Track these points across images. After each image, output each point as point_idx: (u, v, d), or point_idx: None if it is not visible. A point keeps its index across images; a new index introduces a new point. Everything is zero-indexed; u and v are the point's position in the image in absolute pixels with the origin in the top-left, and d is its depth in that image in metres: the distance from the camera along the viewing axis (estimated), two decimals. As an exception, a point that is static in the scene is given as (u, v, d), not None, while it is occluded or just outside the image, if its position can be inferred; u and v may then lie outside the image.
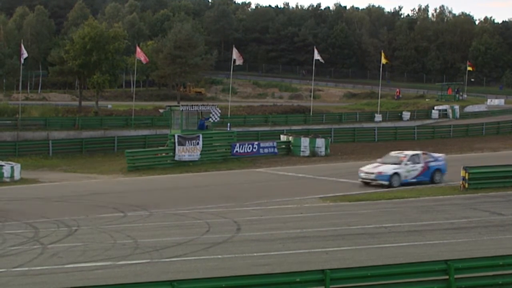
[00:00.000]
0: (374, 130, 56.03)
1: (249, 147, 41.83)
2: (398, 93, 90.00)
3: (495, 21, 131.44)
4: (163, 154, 39.45)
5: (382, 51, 72.14)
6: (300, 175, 33.70)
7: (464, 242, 18.44)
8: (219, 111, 41.37)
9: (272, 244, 18.19)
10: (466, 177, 27.80)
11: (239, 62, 59.70)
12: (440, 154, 32.22)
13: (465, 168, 28.01)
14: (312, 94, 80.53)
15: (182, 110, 40.10)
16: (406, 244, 18.20)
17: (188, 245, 17.98)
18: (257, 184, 31.19)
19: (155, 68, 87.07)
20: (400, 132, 56.53)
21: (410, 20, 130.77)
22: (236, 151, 41.15)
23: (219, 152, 40.86)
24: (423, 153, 31.11)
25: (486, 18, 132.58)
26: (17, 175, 33.56)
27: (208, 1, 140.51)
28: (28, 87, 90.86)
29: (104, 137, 51.11)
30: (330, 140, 45.40)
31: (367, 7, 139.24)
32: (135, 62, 64.71)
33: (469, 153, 44.44)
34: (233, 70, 63.09)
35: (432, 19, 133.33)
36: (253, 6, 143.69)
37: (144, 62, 60.11)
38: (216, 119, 40.73)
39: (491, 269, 13.10)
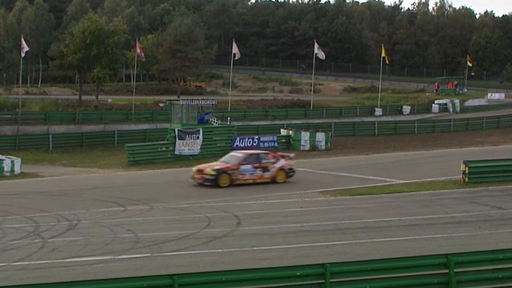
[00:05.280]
0: (375, 124, 56.04)
1: (249, 141, 41.81)
2: (437, 87, 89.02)
3: (495, 15, 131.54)
4: (163, 148, 39.45)
5: (383, 45, 72.02)
6: (301, 169, 33.60)
7: (464, 236, 18.46)
8: (215, 118, 41.58)
9: (272, 238, 18.20)
10: (466, 171, 27.83)
11: (238, 56, 59.61)
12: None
13: (465, 162, 28.04)
14: (312, 88, 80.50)
15: (182, 104, 40.07)
16: (406, 238, 18.21)
17: (188, 239, 17.99)
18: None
19: (155, 62, 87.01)
20: (401, 126, 56.58)
21: (410, 14, 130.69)
22: (236, 145, 41.11)
23: (220, 146, 40.79)
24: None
25: (486, 12, 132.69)
26: (17, 170, 33.56)
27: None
28: (28, 81, 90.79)
29: (104, 131, 51.11)
30: (330, 134, 45.41)
31: (367, 1, 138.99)
32: (135, 56, 64.68)
33: (469, 147, 44.44)
34: (233, 65, 63.04)
35: (433, 13, 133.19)
36: (253, 0, 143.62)
37: (140, 57, 60.19)
38: (214, 121, 40.86)
39: (491, 263, 13.10)
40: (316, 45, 63.34)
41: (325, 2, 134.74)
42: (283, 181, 28.86)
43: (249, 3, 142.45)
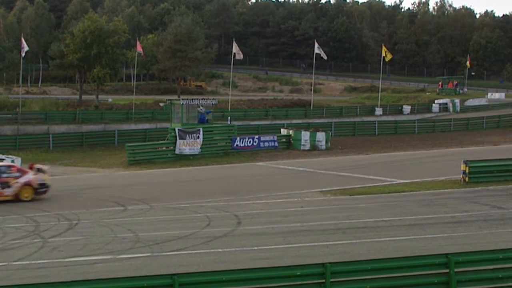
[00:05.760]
0: (375, 124, 56.04)
1: (250, 141, 41.83)
2: (440, 86, 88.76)
3: (496, 14, 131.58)
4: (164, 148, 39.46)
5: (383, 45, 71.96)
6: (301, 168, 33.70)
7: (464, 235, 18.45)
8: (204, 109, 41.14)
9: (272, 237, 18.19)
10: (467, 171, 27.81)
11: (238, 56, 59.62)
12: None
13: (466, 162, 28.03)
14: (312, 88, 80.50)
15: (183, 103, 40.08)
16: (406, 237, 18.20)
17: (188, 238, 17.98)
18: (257, 178, 31.18)
19: (155, 62, 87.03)
20: (401, 126, 56.57)
21: (410, 13, 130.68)
22: (237, 145, 41.16)
23: (220, 145, 40.87)
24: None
25: (486, 12, 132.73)
26: (17, 169, 33.49)
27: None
28: (29, 81, 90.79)
29: (104, 131, 51.11)
30: (330, 134, 45.40)
31: (367, 1, 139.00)
32: (135, 56, 64.73)
33: (469, 147, 44.43)
34: (233, 64, 63.02)
35: (433, 12, 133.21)
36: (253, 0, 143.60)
37: (141, 55, 60.43)
38: (201, 110, 40.30)
39: (491, 263, 13.09)
40: (316, 45, 63.32)
41: (325, 2, 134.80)
42: (31, 198, 24.91)
43: (249, 3, 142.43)
